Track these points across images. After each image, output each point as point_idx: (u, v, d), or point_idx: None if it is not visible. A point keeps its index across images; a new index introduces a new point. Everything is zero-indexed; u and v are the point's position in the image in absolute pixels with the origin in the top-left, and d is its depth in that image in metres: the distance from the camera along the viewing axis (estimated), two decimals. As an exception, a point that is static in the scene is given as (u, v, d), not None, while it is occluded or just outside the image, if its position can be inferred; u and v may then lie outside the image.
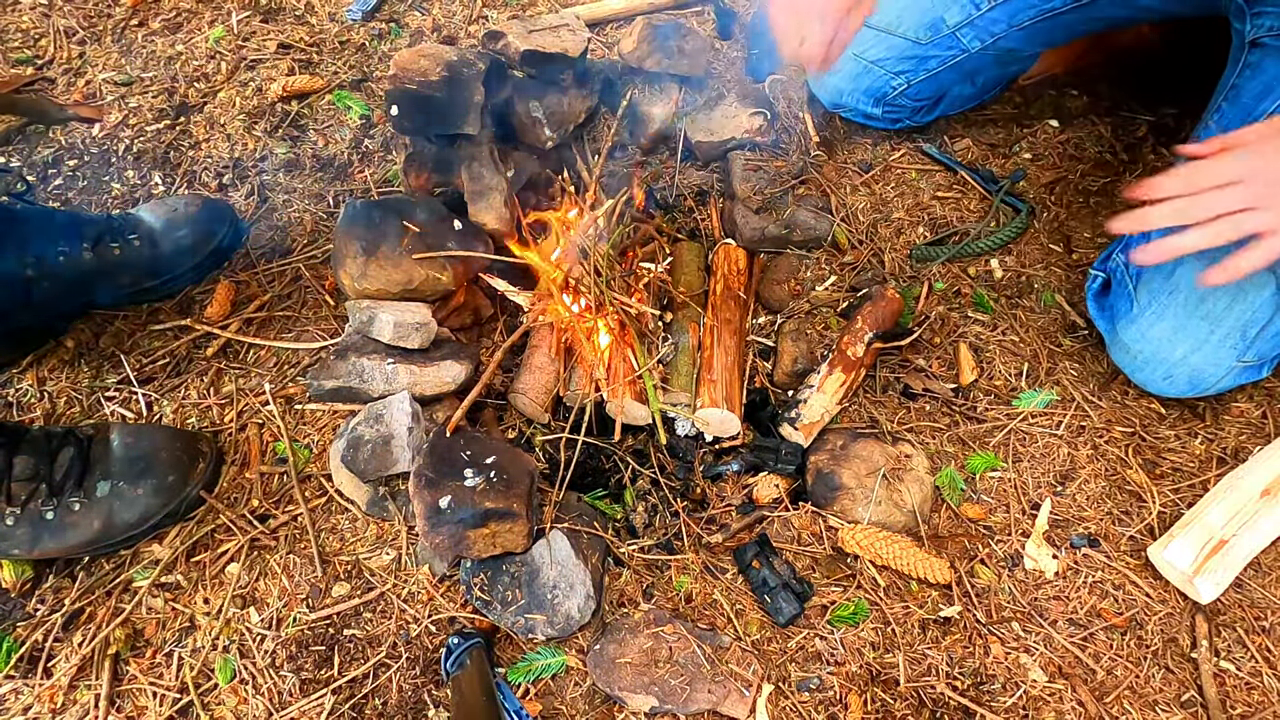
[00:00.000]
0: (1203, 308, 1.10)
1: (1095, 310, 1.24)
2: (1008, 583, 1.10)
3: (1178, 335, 1.12)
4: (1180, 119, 1.53)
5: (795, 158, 1.46)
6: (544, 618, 1.03)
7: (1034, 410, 1.23)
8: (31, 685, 1.03)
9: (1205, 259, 1.09)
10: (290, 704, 1.01)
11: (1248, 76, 1.13)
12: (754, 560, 1.09)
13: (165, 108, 1.58)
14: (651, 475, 1.19)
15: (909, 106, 1.46)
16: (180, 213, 1.33)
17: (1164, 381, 1.17)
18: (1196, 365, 1.13)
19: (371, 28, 1.71)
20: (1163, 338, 1.13)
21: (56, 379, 1.26)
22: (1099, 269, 1.25)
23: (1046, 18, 1.28)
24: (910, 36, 1.38)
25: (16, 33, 1.71)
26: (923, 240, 1.42)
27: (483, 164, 1.27)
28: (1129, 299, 1.17)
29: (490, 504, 1.01)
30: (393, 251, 1.18)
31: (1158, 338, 1.14)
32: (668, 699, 0.98)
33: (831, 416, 1.21)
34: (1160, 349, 1.14)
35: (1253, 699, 1.01)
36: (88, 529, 1.07)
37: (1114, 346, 1.21)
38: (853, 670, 1.03)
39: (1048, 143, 1.55)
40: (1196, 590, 1.05)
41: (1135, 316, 1.16)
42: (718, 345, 1.24)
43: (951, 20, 1.34)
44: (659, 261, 1.38)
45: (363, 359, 1.16)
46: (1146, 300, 1.15)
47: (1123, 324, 1.17)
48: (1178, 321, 1.12)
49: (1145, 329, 1.15)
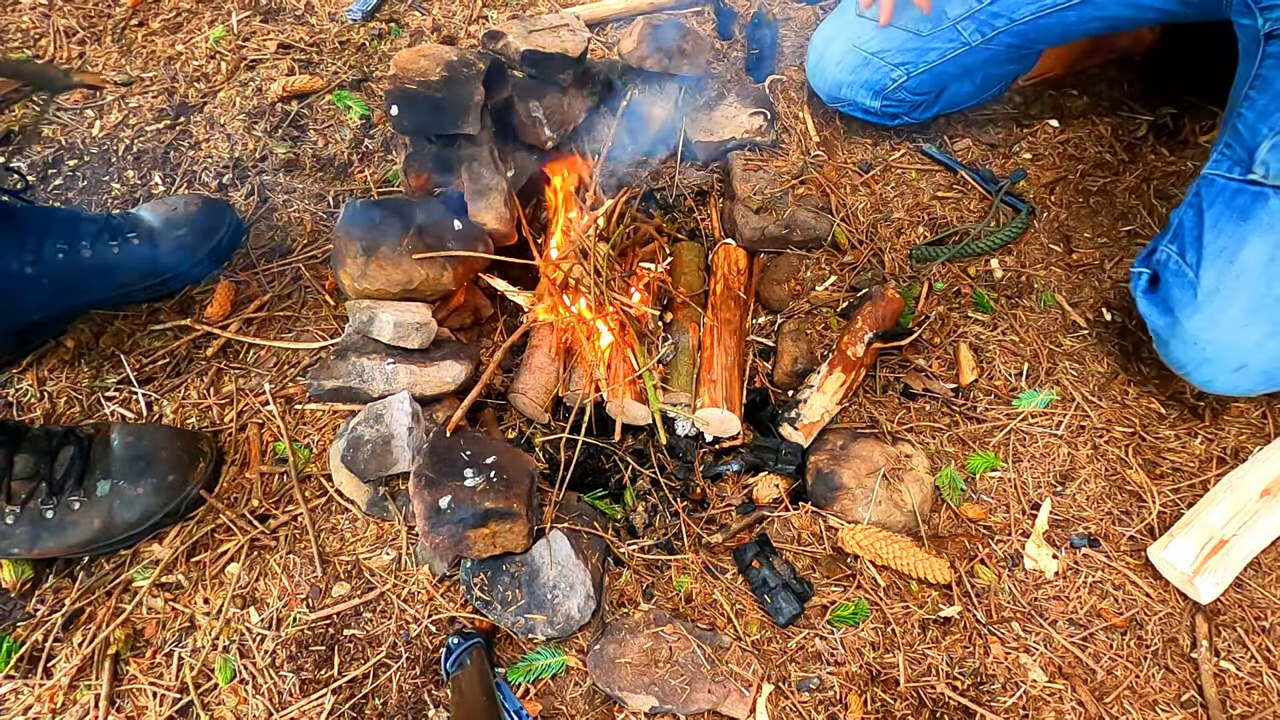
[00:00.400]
0: (1276, 286, 1.06)
1: (1148, 307, 1.18)
2: (1008, 583, 1.10)
3: (1254, 318, 1.07)
4: (1180, 119, 1.53)
5: (795, 158, 1.46)
6: (544, 618, 1.03)
7: (1034, 410, 1.23)
8: (31, 685, 1.02)
9: (1274, 234, 1.06)
10: (290, 704, 1.01)
11: (1272, 65, 1.11)
12: (754, 560, 1.09)
13: (165, 108, 1.58)
14: (651, 475, 1.19)
15: (908, 101, 1.46)
16: (180, 212, 1.33)
17: (1235, 374, 1.10)
18: (1274, 352, 1.07)
19: (371, 28, 1.71)
20: (1237, 322, 1.08)
21: (56, 379, 1.26)
22: (1142, 266, 1.21)
23: (1047, 14, 1.28)
24: (911, 28, 1.38)
25: (16, 33, 1.71)
26: (923, 240, 1.42)
27: (483, 164, 1.27)
28: (1191, 287, 1.12)
29: (490, 504, 1.01)
30: (393, 251, 1.18)
31: (1231, 323, 1.08)
32: (668, 699, 0.98)
33: (831, 416, 1.21)
34: (1234, 335, 1.08)
35: (1253, 699, 1.01)
36: (88, 528, 1.07)
37: (1175, 341, 1.14)
38: (853, 670, 1.03)
39: (1048, 143, 1.55)
40: (1196, 590, 1.05)
41: (1201, 304, 1.10)
42: (718, 345, 1.24)
43: (953, 13, 1.34)
44: (659, 261, 1.38)
45: (363, 359, 1.16)
46: (1213, 284, 1.10)
47: (1187, 314, 1.11)
48: (1251, 303, 1.07)
49: (1215, 315, 1.09)
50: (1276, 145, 1.08)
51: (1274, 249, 1.06)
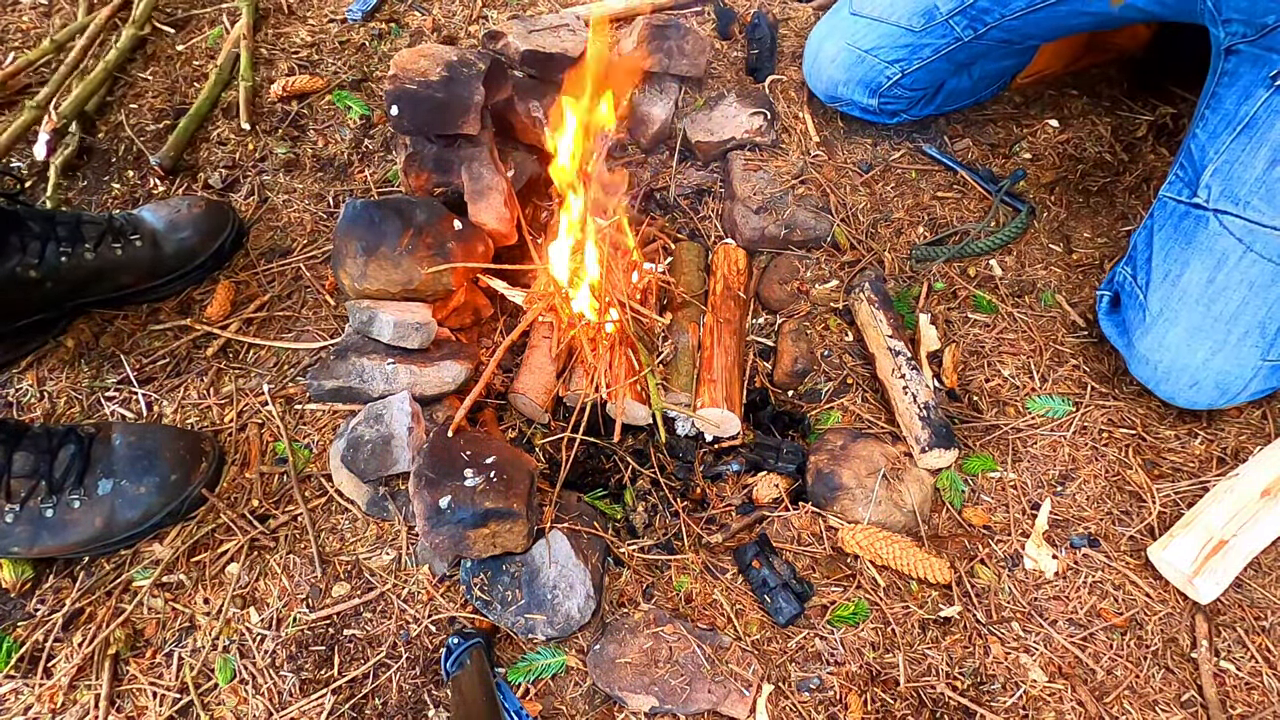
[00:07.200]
0: (1215, 308, 1.09)
1: (1109, 328, 1.23)
2: (1008, 583, 1.10)
3: (1195, 338, 1.10)
4: (1180, 119, 1.53)
5: (795, 158, 1.46)
6: (544, 618, 1.03)
7: (1039, 413, 1.23)
8: (31, 685, 1.03)
9: (1212, 258, 1.09)
10: (290, 704, 1.01)
11: (1226, 84, 1.14)
12: (754, 560, 1.09)
13: (165, 108, 1.58)
14: (651, 475, 1.19)
15: (906, 97, 1.46)
16: (183, 214, 1.33)
17: (1191, 390, 1.13)
18: (1221, 369, 1.10)
19: (371, 28, 1.71)
20: (1180, 343, 1.11)
21: (56, 379, 1.26)
22: (1105, 288, 1.25)
23: (1036, 9, 1.28)
24: (904, 25, 1.38)
25: (16, 33, 1.71)
26: (923, 240, 1.42)
27: (483, 164, 1.27)
28: (1141, 309, 1.16)
29: (490, 504, 1.01)
30: (393, 251, 1.18)
31: (1175, 344, 1.12)
32: (668, 699, 0.98)
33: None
34: (1180, 356, 1.12)
35: (1253, 699, 1.01)
36: (88, 527, 1.07)
37: (1134, 362, 1.18)
38: (853, 670, 1.03)
39: (1048, 143, 1.55)
40: (1196, 590, 1.05)
41: (1150, 326, 1.14)
42: (718, 345, 1.24)
43: (945, 8, 1.34)
44: (659, 262, 1.38)
45: (363, 359, 1.16)
46: (1159, 306, 1.13)
47: (1138, 335, 1.16)
48: (1192, 323, 1.11)
49: (1161, 336, 1.13)
50: (1219, 170, 1.11)
51: (1213, 270, 1.10)
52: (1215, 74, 1.17)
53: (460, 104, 1.20)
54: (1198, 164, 1.15)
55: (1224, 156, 1.11)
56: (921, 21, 1.36)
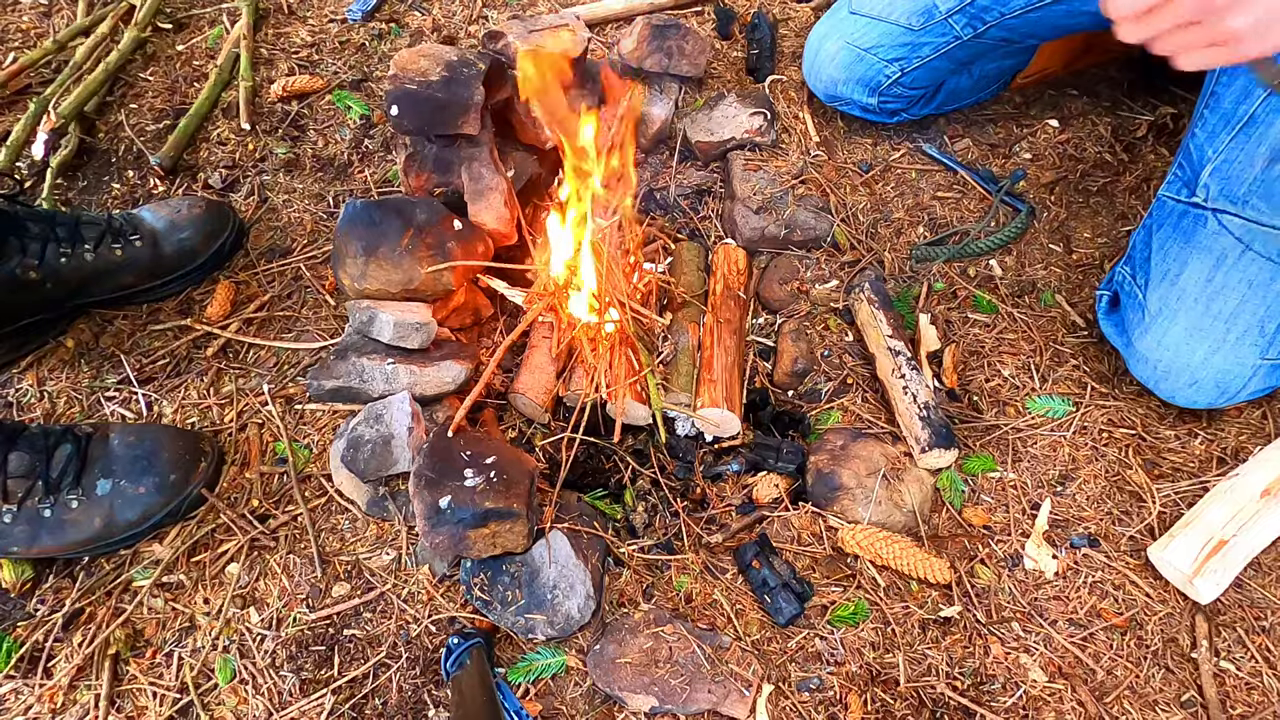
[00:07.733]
0: (1214, 306, 1.09)
1: (1109, 327, 1.23)
2: (1008, 583, 1.10)
3: (1194, 337, 1.11)
4: (1180, 119, 1.53)
5: (795, 158, 1.46)
6: (544, 618, 1.03)
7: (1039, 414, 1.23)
8: (31, 685, 1.03)
9: (1211, 257, 1.09)
10: (290, 704, 1.01)
11: (1224, 83, 1.14)
12: (754, 560, 1.09)
13: (165, 108, 1.58)
14: (651, 475, 1.19)
15: (905, 97, 1.46)
16: (183, 214, 1.33)
17: (1190, 389, 1.13)
18: (1220, 367, 1.10)
19: (371, 28, 1.71)
20: (1179, 342, 1.11)
21: (56, 379, 1.26)
22: (1104, 287, 1.25)
23: (1035, 8, 1.28)
24: (903, 23, 1.38)
25: (16, 33, 1.71)
26: (923, 240, 1.42)
27: (483, 164, 1.27)
28: (1140, 308, 1.16)
29: (490, 504, 1.01)
30: (393, 251, 1.18)
31: (1174, 343, 1.12)
32: (668, 699, 0.98)
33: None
34: (1179, 355, 1.12)
35: (1253, 699, 1.01)
36: (88, 526, 1.07)
37: (1133, 361, 1.18)
38: (853, 670, 1.03)
39: (1048, 143, 1.55)
40: (1196, 590, 1.05)
41: (1149, 325, 1.14)
42: (718, 345, 1.24)
43: (944, 6, 1.34)
44: (659, 262, 1.38)
45: (363, 359, 1.16)
46: (1158, 305, 1.14)
47: (1137, 334, 1.16)
48: (1191, 322, 1.11)
49: (1160, 335, 1.13)
50: (1218, 169, 1.11)
51: (1212, 270, 1.10)
52: (1214, 73, 1.17)
53: (460, 104, 1.20)
54: (1196, 163, 1.15)
55: (1222, 156, 1.11)
56: (921, 20, 1.36)
